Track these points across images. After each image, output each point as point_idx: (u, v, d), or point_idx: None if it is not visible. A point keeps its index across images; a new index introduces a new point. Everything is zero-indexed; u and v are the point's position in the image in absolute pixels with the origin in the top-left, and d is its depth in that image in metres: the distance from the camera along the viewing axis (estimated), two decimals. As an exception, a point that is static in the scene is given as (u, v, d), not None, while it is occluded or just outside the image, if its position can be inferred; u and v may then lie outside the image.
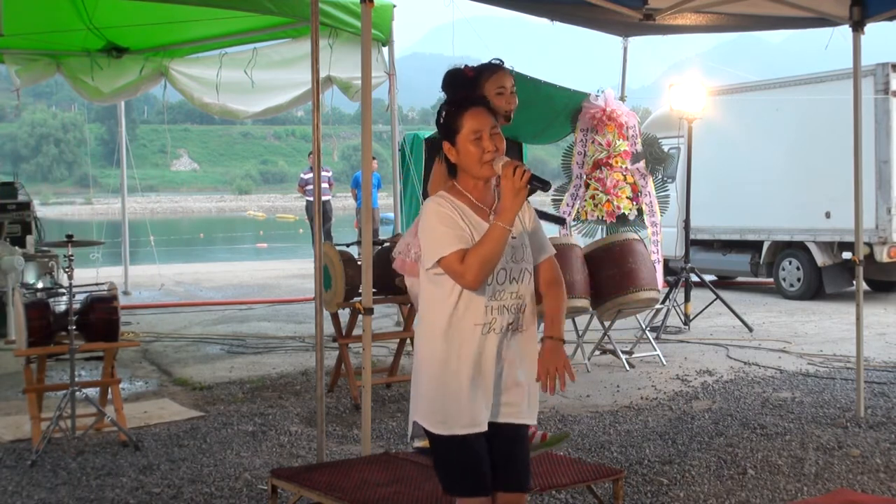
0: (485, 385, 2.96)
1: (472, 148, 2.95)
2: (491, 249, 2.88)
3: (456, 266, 2.89)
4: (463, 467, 2.96)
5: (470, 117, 2.97)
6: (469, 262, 2.88)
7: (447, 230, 2.93)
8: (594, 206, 8.90)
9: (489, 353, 2.95)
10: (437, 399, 2.96)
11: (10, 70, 10.34)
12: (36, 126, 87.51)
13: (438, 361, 2.95)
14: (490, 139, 2.96)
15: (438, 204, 2.98)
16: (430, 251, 2.95)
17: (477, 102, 3.03)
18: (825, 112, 11.68)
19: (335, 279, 6.69)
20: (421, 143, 11.80)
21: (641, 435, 5.83)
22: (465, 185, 3.02)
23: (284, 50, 9.95)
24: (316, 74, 4.97)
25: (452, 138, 2.99)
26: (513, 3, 7.01)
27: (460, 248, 2.90)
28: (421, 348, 3.03)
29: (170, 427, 6.14)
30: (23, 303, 5.68)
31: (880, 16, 6.24)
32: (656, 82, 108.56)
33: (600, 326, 8.20)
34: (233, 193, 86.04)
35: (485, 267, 2.88)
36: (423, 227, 2.99)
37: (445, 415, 2.94)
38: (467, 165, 2.98)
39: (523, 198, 2.90)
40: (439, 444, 3.00)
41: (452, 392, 2.94)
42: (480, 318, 2.95)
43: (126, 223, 13.66)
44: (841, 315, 10.83)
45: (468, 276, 2.88)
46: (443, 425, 2.95)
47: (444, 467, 3.02)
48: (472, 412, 2.94)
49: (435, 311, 2.99)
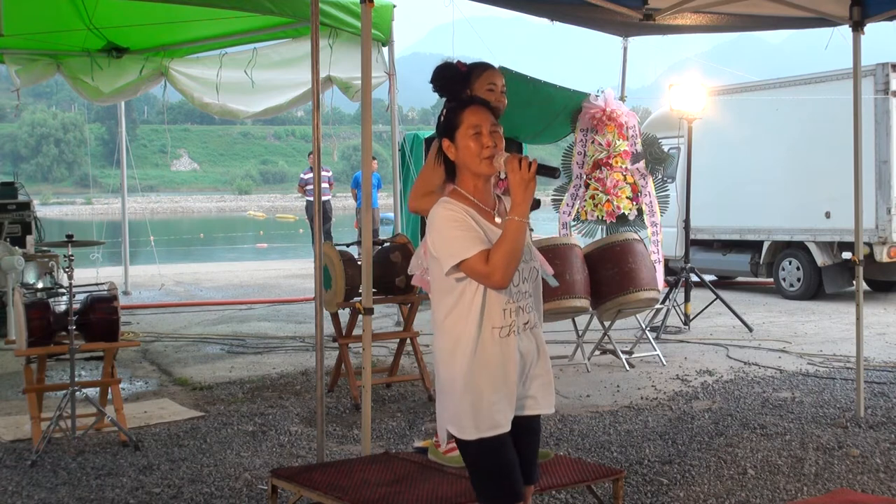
0: (509, 386, 2.96)
1: (471, 143, 2.95)
2: (513, 245, 2.85)
3: (480, 267, 2.86)
4: (495, 474, 2.95)
5: (470, 113, 2.97)
6: (494, 261, 2.84)
7: (464, 233, 2.89)
8: (594, 206, 8.90)
9: (510, 355, 2.95)
10: (465, 404, 2.93)
11: (10, 70, 10.33)
12: (36, 126, 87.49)
13: (464, 367, 2.93)
14: (489, 136, 2.96)
15: (447, 209, 2.94)
16: (449, 255, 2.89)
17: (478, 101, 3.04)
18: (825, 112, 11.68)
19: (335, 279, 6.69)
20: (421, 143, 11.81)
21: (641, 435, 5.83)
22: (465, 187, 3.00)
23: (284, 50, 9.95)
24: (316, 74, 4.97)
25: (452, 134, 2.98)
26: (513, 3, 7.01)
27: (482, 248, 2.86)
28: (442, 356, 2.99)
29: (170, 427, 6.14)
30: (23, 303, 5.67)
31: (880, 16, 6.24)
32: (656, 82, 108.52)
33: (600, 326, 8.21)
34: (233, 193, 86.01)
35: (511, 264, 2.86)
36: (435, 233, 2.94)
37: (474, 419, 2.93)
38: (466, 161, 2.97)
39: (533, 189, 2.88)
40: (470, 450, 2.98)
41: (479, 396, 2.92)
42: (499, 321, 2.93)
43: (126, 223, 13.65)
44: (841, 315, 10.83)
45: (496, 276, 2.85)
46: (474, 430, 2.93)
47: (477, 475, 3.00)
48: (499, 414, 2.94)
49: (456, 318, 2.95)
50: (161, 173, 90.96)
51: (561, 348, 8.35)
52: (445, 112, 3.03)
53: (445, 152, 3.01)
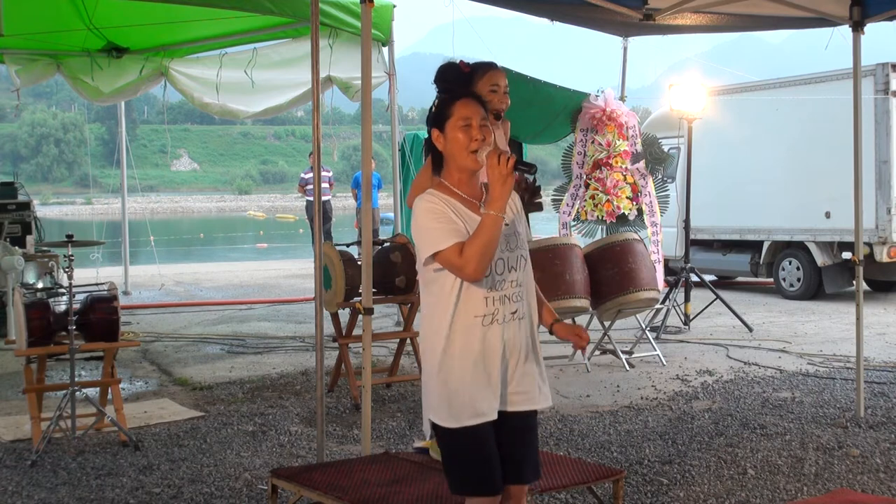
0: (491, 375, 2.96)
1: (460, 135, 2.97)
2: (487, 239, 2.89)
3: (454, 259, 2.90)
4: (471, 464, 2.95)
5: (461, 105, 2.99)
6: (467, 254, 2.89)
7: (441, 225, 2.93)
8: (594, 206, 8.91)
9: (493, 344, 2.96)
10: (444, 392, 2.96)
11: (10, 70, 10.33)
12: (36, 126, 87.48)
13: (442, 355, 2.96)
14: (479, 129, 2.97)
15: (428, 201, 2.98)
16: (425, 246, 2.95)
17: (470, 94, 3.06)
18: (825, 112, 11.67)
19: (335, 279, 6.69)
20: (421, 143, 11.81)
21: (641, 435, 5.83)
22: (451, 179, 3.03)
23: (284, 50, 9.95)
24: (316, 74, 4.97)
25: (441, 125, 3.01)
26: (513, 3, 7.01)
27: (457, 241, 2.91)
28: (425, 345, 3.04)
29: (170, 427, 6.14)
30: (23, 303, 5.67)
31: (880, 16, 6.24)
32: (656, 82, 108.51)
33: (600, 326, 8.21)
34: (233, 193, 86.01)
35: (484, 257, 2.89)
36: (415, 225, 2.99)
37: (453, 407, 2.94)
38: (453, 152, 2.99)
39: (511, 184, 2.91)
40: (447, 439, 2.99)
41: (458, 384, 2.94)
42: (481, 309, 2.96)
43: (126, 223, 13.65)
44: (841, 315, 10.83)
45: (468, 269, 2.90)
46: (451, 418, 2.94)
47: (452, 465, 3.00)
48: (480, 403, 2.94)
49: (437, 308, 2.99)
50: (161, 173, 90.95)
51: (561, 348, 8.35)
52: (437, 103, 3.06)
53: (434, 143, 3.04)
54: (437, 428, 3.00)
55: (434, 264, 2.96)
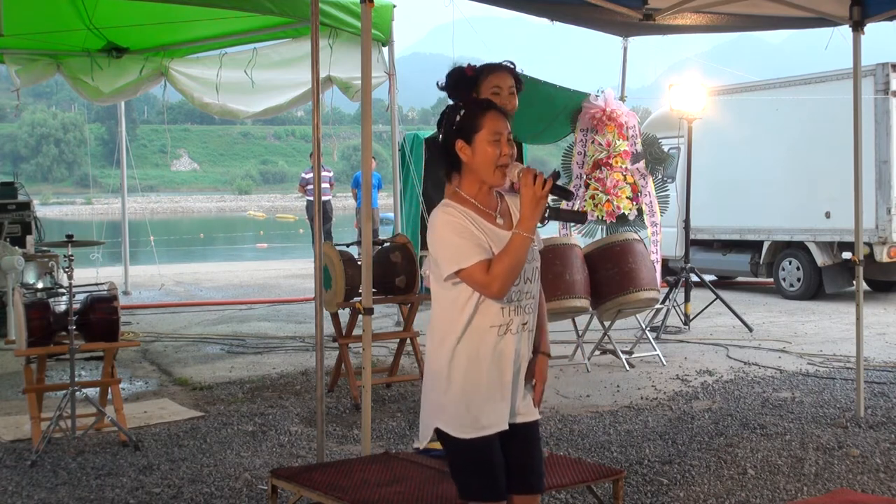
0: (504, 385, 2.96)
1: (490, 149, 2.94)
2: (515, 259, 2.87)
3: (480, 277, 2.88)
4: (480, 472, 2.95)
5: (491, 119, 2.95)
6: (495, 272, 2.86)
7: (464, 241, 2.90)
8: (594, 206, 8.90)
9: (507, 354, 2.95)
10: (460, 403, 2.94)
11: (10, 70, 10.33)
12: (36, 126, 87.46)
13: (457, 365, 2.94)
14: (507, 144, 2.96)
15: (447, 213, 2.94)
16: (448, 262, 2.91)
17: (497, 107, 3.01)
18: (825, 112, 11.67)
19: (335, 279, 6.70)
20: (421, 143, 11.80)
21: (641, 435, 5.83)
22: (469, 190, 2.99)
23: (284, 50, 9.95)
24: (316, 74, 4.97)
25: (469, 136, 2.95)
26: (513, 3, 7.01)
27: (482, 258, 2.88)
28: (437, 353, 2.99)
29: (170, 427, 6.14)
30: (23, 303, 5.68)
31: (880, 16, 6.24)
32: (656, 82, 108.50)
33: (600, 326, 8.21)
34: (233, 193, 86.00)
35: (510, 277, 2.88)
36: (435, 238, 2.95)
37: (468, 418, 2.93)
38: (481, 166, 2.95)
39: (543, 207, 2.90)
40: (458, 449, 2.98)
41: (471, 394, 2.93)
42: (497, 319, 2.94)
43: (126, 223, 13.65)
44: (841, 315, 10.83)
45: (494, 287, 2.87)
46: (466, 429, 2.93)
47: (462, 472, 3.00)
48: (491, 413, 2.94)
49: (451, 315, 2.96)
50: (161, 173, 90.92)
51: (561, 348, 8.35)
52: (464, 112, 2.98)
53: (459, 153, 2.97)
54: (445, 436, 2.99)
55: (454, 278, 2.93)
